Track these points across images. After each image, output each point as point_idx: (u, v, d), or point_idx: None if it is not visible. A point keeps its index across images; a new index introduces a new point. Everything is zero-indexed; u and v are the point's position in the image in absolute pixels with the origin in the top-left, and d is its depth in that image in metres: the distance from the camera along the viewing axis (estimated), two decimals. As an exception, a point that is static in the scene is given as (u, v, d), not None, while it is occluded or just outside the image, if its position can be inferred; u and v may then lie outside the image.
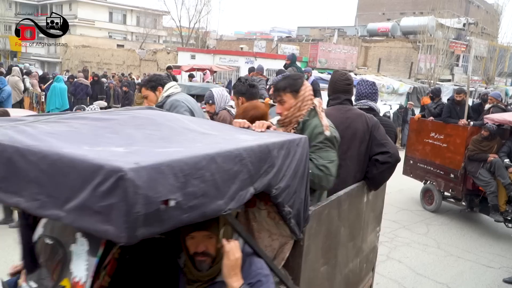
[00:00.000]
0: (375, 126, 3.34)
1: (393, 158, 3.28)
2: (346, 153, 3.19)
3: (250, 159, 1.70)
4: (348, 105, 3.43)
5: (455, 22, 33.50)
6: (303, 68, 11.22)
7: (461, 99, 8.72)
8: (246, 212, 2.35)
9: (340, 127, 3.03)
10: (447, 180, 8.26)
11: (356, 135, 3.27)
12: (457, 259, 6.56)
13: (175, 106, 4.04)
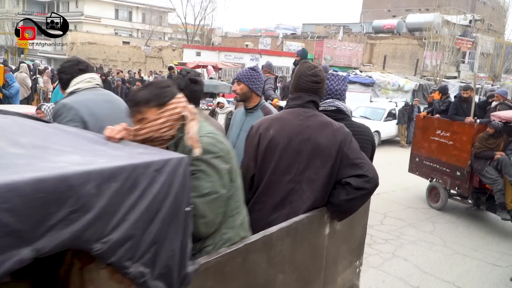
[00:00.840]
0: (345, 140, 2.54)
1: (371, 184, 2.46)
2: (302, 173, 2.48)
3: (13, 204, 1.08)
4: (312, 109, 2.63)
5: (461, 19, 33.34)
6: (322, 65, 10.31)
7: (468, 96, 8.68)
8: (81, 272, 1.76)
9: (296, 139, 2.48)
10: (453, 178, 8.23)
11: (318, 151, 2.50)
12: (463, 257, 6.54)
13: (60, 113, 2.75)
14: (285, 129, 2.50)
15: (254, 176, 2.54)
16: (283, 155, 2.48)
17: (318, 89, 2.66)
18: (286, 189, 2.48)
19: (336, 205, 2.50)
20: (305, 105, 2.61)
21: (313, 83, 2.64)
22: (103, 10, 54.81)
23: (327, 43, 31.09)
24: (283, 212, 2.42)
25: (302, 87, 2.65)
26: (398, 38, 35.05)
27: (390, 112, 16.78)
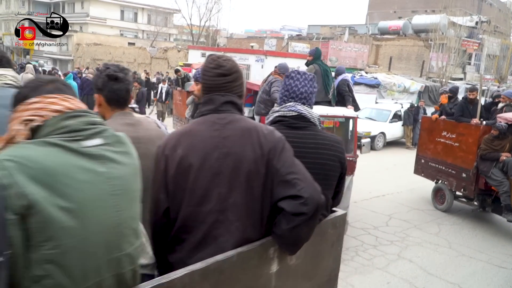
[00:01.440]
0: (275, 149, 1.98)
1: (309, 206, 1.85)
2: (225, 199, 1.93)
3: None
4: (229, 114, 2.03)
5: (468, 20, 33.22)
6: (337, 67, 8.98)
7: (473, 97, 8.64)
8: None
9: (212, 156, 1.93)
10: (459, 180, 8.20)
11: (241, 167, 1.94)
12: (469, 259, 6.51)
13: None
14: (196, 145, 1.95)
15: (169, 210, 1.98)
16: (198, 179, 1.92)
17: (229, 84, 2.06)
18: (207, 221, 1.93)
19: (280, 236, 1.96)
20: (219, 109, 2.03)
21: (218, 76, 2.06)
22: (109, 11, 55.03)
23: (333, 44, 31.04)
24: (207, 251, 1.90)
25: (210, 86, 2.08)
26: (404, 40, 34.97)
27: (395, 114, 16.74)
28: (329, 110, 6.73)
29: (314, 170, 2.16)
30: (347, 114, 6.77)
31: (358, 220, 7.61)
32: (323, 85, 7.54)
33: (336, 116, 6.62)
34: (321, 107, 6.85)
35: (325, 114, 6.35)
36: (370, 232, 7.27)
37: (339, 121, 6.72)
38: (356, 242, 6.65)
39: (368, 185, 9.47)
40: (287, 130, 2.34)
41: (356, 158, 6.46)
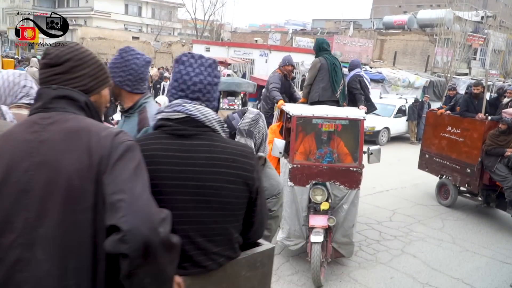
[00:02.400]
0: (109, 156, 1.42)
1: (130, 245, 1.29)
2: (34, 229, 1.37)
3: None
4: (61, 111, 1.52)
5: (473, 15, 32.98)
6: (350, 61, 8.12)
7: (478, 92, 8.60)
8: None
9: (20, 167, 1.41)
10: (463, 175, 8.17)
11: (57, 183, 1.39)
12: (473, 254, 6.50)
13: None
14: (4, 152, 1.44)
15: None
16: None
17: (59, 77, 1.55)
18: (8, 260, 1.37)
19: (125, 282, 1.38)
20: (47, 106, 1.51)
21: (45, 68, 1.58)
22: (113, 5, 55.01)
23: (337, 39, 30.96)
24: None
25: (40, 80, 1.60)
26: (409, 34, 34.79)
27: (400, 109, 16.68)
28: (330, 111, 5.60)
29: (204, 196, 1.68)
30: (351, 116, 5.48)
31: (361, 215, 7.60)
32: (329, 81, 6.23)
33: (336, 118, 5.42)
34: (323, 107, 5.90)
35: (324, 116, 5.42)
36: (374, 227, 7.26)
37: (341, 124, 5.48)
38: (359, 237, 6.64)
39: (372, 180, 9.45)
40: (168, 140, 1.72)
41: (361, 169, 5.28)
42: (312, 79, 6.32)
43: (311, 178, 5.16)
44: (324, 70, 6.27)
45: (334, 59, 6.37)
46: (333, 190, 5.19)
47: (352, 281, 5.33)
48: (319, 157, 5.49)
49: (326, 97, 6.18)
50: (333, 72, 6.25)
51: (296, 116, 5.37)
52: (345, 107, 6.28)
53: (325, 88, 6.18)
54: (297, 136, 5.49)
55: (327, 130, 5.51)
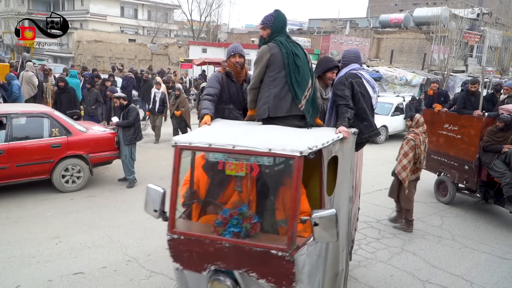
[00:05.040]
0: None
1: None
2: None
3: None
4: None
5: (469, 12, 33.00)
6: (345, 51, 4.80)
7: (475, 90, 8.64)
8: None
9: None
10: (462, 172, 8.19)
11: None
12: (472, 251, 6.51)
13: None
14: None
15: None
16: None
17: None
18: None
19: None
20: None
21: None
22: (109, 8, 54.94)
23: (334, 38, 30.98)
24: None
25: None
26: (405, 33, 34.80)
27: (397, 107, 16.71)
28: (245, 138, 3.13)
29: None
30: (278, 149, 2.85)
31: (361, 213, 7.60)
32: (287, 84, 3.78)
33: (249, 153, 2.93)
34: (243, 130, 3.56)
35: (227, 147, 2.95)
36: (373, 226, 7.27)
37: (261, 164, 3.04)
38: (359, 236, 6.65)
39: (371, 178, 9.46)
40: None
41: (292, 256, 2.79)
42: (258, 80, 3.91)
43: (207, 261, 3.04)
44: (276, 65, 3.81)
45: (295, 47, 3.91)
46: (248, 286, 3.00)
47: (353, 279, 5.33)
48: (220, 223, 3.03)
49: (281, 111, 3.76)
50: (293, 67, 3.79)
51: (179, 147, 3.10)
52: (311, 130, 3.83)
53: (279, 95, 3.77)
54: (191, 182, 3.59)
55: (233, 174, 3.17)
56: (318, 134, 3.53)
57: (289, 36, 4.00)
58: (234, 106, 4.47)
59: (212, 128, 3.67)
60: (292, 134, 3.41)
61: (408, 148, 6.90)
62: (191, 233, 3.09)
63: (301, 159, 2.79)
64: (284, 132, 3.50)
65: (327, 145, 3.10)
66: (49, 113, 8.23)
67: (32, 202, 7.58)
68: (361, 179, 5.80)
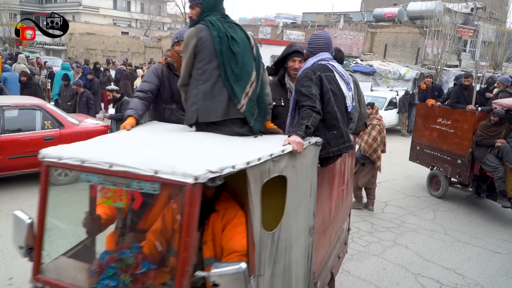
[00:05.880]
0: None
1: None
2: None
3: None
4: None
5: (463, 7, 33.03)
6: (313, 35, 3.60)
7: (469, 84, 8.66)
8: None
9: None
10: (454, 166, 8.22)
11: None
12: (464, 245, 6.55)
13: None
14: None
15: None
16: None
17: None
18: None
19: None
20: None
21: None
22: (101, 0, 54.54)
23: (328, 32, 30.98)
24: None
25: None
26: (399, 27, 34.82)
27: (391, 101, 16.73)
28: (127, 156, 2.22)
29: None
30: (178, 172, 1.98)
31: (354, 207, 7.63)
32: (224, 78, 2.90)
33: (128, 176, 2.05)
34: (147, 140, 2.72)
35: (102, 166, 2.12)
36: (366, 219, 7.29)
37: (144, 192, 2.10)
38: (352, 229, 6.66)
39: (364, 172, 9.47)
40: None
41: None
42: (186, 74, 3.04)
43: None
44: (205, 53, 2.92)
45: (232, 28, 3.01)
46: None
47: (345, 272, 5.35)
48: (93, 272, 2.33)
49: (215, 115, 2.88)
50: (227, 56, 2.89)
51: (45, 163, 2.38)
52: (255, 139, 2.94)
53: (210, 93, 2.90)
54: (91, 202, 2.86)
55: (114, 204, 2.48)
56: (257, 146, 2.67)
57: (225, 15, 3.10)
58: (178, 106, 3.53)
59: (111, 137, 2.85)
60: (213, 147, 2.58)
61: (376, 132, 7.42)
62: (58, 283, 2.32)
63: (197, 189, 1.92)
64: (207, 143, 2.64)
65: (257, 164, 2.21)
66: (42, 105, 8.17)
67: (24, 195, 7.53)
68: (349, 194, 4.84)
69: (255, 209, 2.21)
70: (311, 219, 3.09)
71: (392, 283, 5.25)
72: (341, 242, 4.53)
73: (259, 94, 3.05)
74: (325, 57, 3.36)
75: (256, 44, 3.14)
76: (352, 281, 5.22)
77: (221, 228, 2.59)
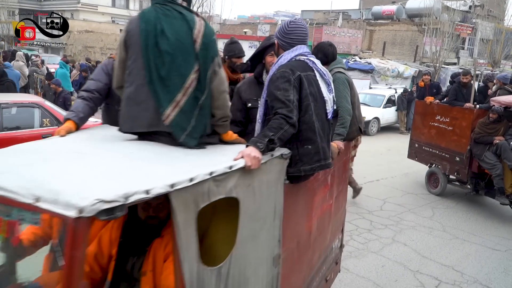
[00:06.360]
0: None
1: None
2: None
3: None
4: None
5: (461, 5, 33.12)
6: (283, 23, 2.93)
7: (467, 81, 8.66)
8: None
9: None
10: (453, 163, 8.23)
11: None
12: (462, 242, 6.56)
13: None
14: None
15: None
16: None
17: None
18: None
19: None
20: None
21: None
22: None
23: (326, 29, 30.90)
24: None
25: None
26: (398, 25, 34.85)
27: (389, 99, 16.75)
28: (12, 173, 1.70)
29: None
30: (61, 202, 1.46)
31: (352, 204, 7.64)
32: (148, 81, 2.32)
33: (8, 202, 1.53)
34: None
35: None
36: (365, 217, 7.30)
37: (26, 222, 1.60)
38: (351, 227, 6.67)
39: (363, 170, 9.48)
40: None
41: None
42: (121, 74, 2.52)
43: None
44: (133, 50, 2.40)
45: (167, 18, 2.37)
46: None
47: (344, 270, 5.36)
48: None
49: (140, 124, 2.38)
50: (153, 54, 2.31)
51: None
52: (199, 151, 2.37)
53: (134, 98, 2.38)
54: None
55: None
56: (197, 161, 2.14)
57: (173, 1, 2.41)
58: None
59: (27, 146, 2.33)
60: (138, 161, 2.03)
61: None
62: None
63: (81, 225, 1.43)
64: (135, 156, 2.11)
65: (187, 186, 1.74)
66: (40, 103, 8.16)
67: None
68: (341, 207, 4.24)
69: (184, 242, 1.75)
70: (276, 247, 2.54)
71: (390, 280, 5.26)
72: (329, 263, 3.92)
73: (203, 105, 2.36)
74: (303, 51, 2.76)
75: (207, 39, 2.37)
76: (350, 278, 5.23)
77: (163, 258, 2.17)
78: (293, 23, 2.80)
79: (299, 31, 2.77)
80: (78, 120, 2.63)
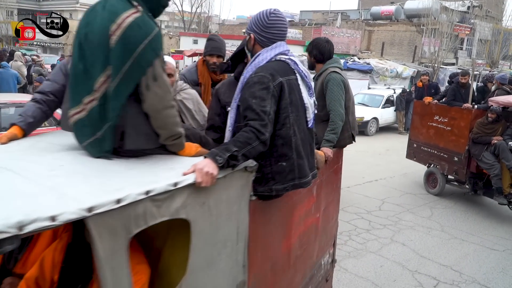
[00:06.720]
0: None
1: None
2: None
3: None
4: None
5: (460, 5, 33.18)
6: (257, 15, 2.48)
7: (466, 82, 8.68)
8: None
9: None
10: (451, 163, 8.24)
11: None
12: (461, 241, 6.57)
13: None
14: None
15: None
16: None
17: None
18: None
19: None
20: None
21: None
22: (99, -2, 54.41)
23: (325, 30, 30.96)
24: None
25: None
26: (396, 25, 34.91)
27: (388, 99, 16.77)
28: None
29: None
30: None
31: (351, 205, 7.65)
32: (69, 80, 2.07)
33: None
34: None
35: None
36: (363, 217, 7.31)
37: None
38: (349, 227, 6.68)
39: (361, 170, 9.50)
40: None
41: None
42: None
43: None
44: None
45: (93, 13, 1.95)
46: None
47: (342, 270, 5.37)
48: None
49: (65, 125, 2.20)
50: (76, 52, 1.97)
51: None
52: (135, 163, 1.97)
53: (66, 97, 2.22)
54: None
55: None
56: (137, 176, 1.76)
57: None
58: None
59: None
60: (60, 178, 1.64)
61: None
62: None
63: None
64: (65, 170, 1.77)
65: (112, 209, 1.44)
66: (38, 103, 8.14)
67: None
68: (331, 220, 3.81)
69: (109, 276, 1.44)
70: (240, 273, 2.21)
71: (389, 280, 5.27)
72: (317, 282, 3.50)
73: (115, 121, 1.92)
74: (284, 49, 2.39)
75: (128, 37, 1.83)
76: (349, 278, 5.23)
77: None
78: (274, 14, 2.38)
79: (281, 25, 2.38)
80: (25, 126, 2.29)
